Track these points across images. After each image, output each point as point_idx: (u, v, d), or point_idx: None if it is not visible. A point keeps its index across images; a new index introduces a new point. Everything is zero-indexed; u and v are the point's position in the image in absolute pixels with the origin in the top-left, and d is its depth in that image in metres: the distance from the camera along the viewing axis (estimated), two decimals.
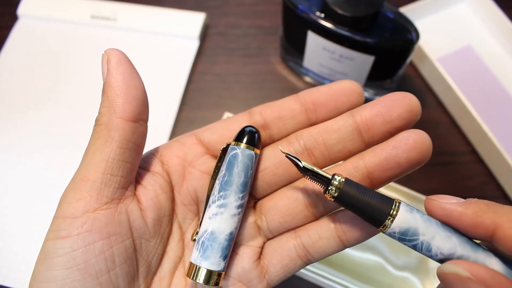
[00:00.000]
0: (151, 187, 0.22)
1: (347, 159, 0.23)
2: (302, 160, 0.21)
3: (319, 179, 0.20)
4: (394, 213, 0.20)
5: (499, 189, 0.45)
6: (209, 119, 0.48)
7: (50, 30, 0.54)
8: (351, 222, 0.22)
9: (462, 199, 0.19)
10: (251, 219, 0.24)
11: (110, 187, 0.20)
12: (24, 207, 0.43)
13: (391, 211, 0.20)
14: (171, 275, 0.23)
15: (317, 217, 0.24)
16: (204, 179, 0.24)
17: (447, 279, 0.18)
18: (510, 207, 0.18)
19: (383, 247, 0.40)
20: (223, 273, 0.22)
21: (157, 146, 0.24)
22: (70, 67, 0.51)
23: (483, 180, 0.46)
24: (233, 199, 0.22)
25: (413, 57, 0.50)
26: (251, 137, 0.22)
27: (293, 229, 0.24)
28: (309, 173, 0.20)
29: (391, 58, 0.42)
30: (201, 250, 0.22)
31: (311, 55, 0.46)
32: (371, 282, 0.39)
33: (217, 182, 0.23)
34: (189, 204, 0.24)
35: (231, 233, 0.22)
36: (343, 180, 0.20)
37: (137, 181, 0.22)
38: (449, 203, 0.19)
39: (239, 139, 0.22)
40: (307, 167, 0.20)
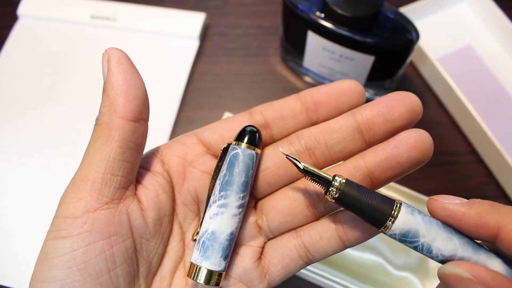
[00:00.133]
0: (151, 187, 0.22)
1: (348, 159, 0.23)
2: (302, 161, 0.20)
3: (320, 181, 0.20)
4: (395, 214, 0.19)
5: (499, 189, 0.45)
6: (209, 119, 0.48)
7: (50, 30, 0.54)
8: (351, 222, 0.22)
9: (465, 200, 0.19)
10: (252, 219, 0.24)
11: (110, 187, 0.20)
12: (24, 207, 0.43)
13: (392, 212, 0.20)
14: (172, 275, 0.23)
15: (318, 217, 0.23)
16: (204, 179, 0.24)
17: (448, 280, 0.18)
18: None
19: (383, 247, 0.40)
20: (224, 273, 0.22)
21: (157, 146, 0.24)
22: (70, 67, 0.51)
23: (483, 180, 0.46)
24: (234, 199, 0.22)
25: (413, 57, 0.50)
26: (252, 137, 0.22)
27: (294, 229, 0.24)
28: (309, 174, 0.20)
29: (391, 58, 0.42)
30: (201, 250, 0.22)
31: (311, 55, 0.46)
32: (371, 282, 0.39)
33: (218, 182, 0.22)
34: (189, 204, 0.24)
35: (232, 233, 0.22)
36: (344, 181, 0.20)
37: (138, 181, 0.22)
38: (452, 204, 0.19)
39: (240, 138, 0.22)
40: (307, 168, 0.20)
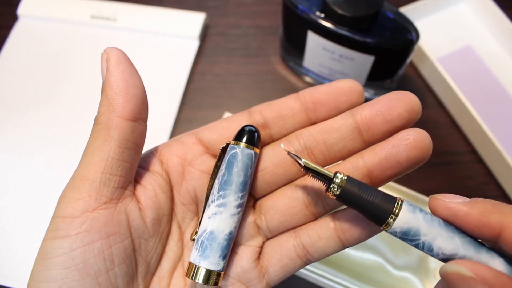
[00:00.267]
0: (150, 187, 0.22)
1: (347, 158, 0.23)
2: (303, 158, 0.20)
3: (321, 177, 0.20)
4: (396, 211, 0.19)
5: (499, 189, 0.45)
6: (209, 119, 0.47)
7: (50, 30, 0.54)
8: (350, 222, 0.22)
9: (467, 199, 0.19)
10: (251, 219, 0.24)
11: (109, 187, 0.20)
12: (24, 207, 0.43)
13: (394, 209, 0.19)
14: (170, 275, 0.23)
15: (316, 216, 0.23)
16: (203, 178, 0.23)
17: (450, 279, 0.18)
18: None
19: (383, 247, 0.40)
20: (223, 273, 0.22)
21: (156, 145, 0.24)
22: (70, 67, 0.51)
23: (483, 180, 0.45)
24: (233, 198, 0.22)
25: (413, 57, 0.50)
26: (251, 136, 0.22)
27: (293, 228, 0.24)
28: (310, 171, 0.20)
29: (391, 58, 0.42)
30: (200, 249, 0.22)
31: (311, 55, 0.46)
32: (371, 282, 0.39)
33: (217, 181, 0.22)
34: (188, 203, 0.24)
35: (231, 233, 0.22)
36: (345, 178, 0.20)
37: (136, 180, 0.22)
38: (454, 203, 0.19)
39: (238, 138, 0.22)
40: (308, 165, 0.20)
